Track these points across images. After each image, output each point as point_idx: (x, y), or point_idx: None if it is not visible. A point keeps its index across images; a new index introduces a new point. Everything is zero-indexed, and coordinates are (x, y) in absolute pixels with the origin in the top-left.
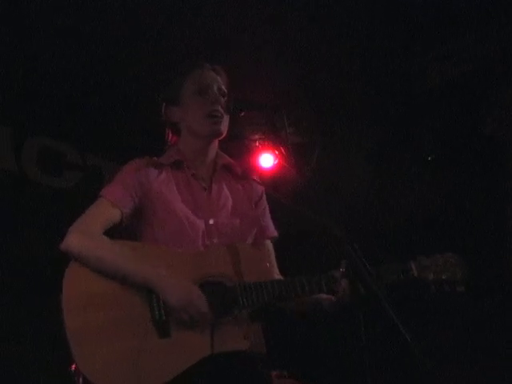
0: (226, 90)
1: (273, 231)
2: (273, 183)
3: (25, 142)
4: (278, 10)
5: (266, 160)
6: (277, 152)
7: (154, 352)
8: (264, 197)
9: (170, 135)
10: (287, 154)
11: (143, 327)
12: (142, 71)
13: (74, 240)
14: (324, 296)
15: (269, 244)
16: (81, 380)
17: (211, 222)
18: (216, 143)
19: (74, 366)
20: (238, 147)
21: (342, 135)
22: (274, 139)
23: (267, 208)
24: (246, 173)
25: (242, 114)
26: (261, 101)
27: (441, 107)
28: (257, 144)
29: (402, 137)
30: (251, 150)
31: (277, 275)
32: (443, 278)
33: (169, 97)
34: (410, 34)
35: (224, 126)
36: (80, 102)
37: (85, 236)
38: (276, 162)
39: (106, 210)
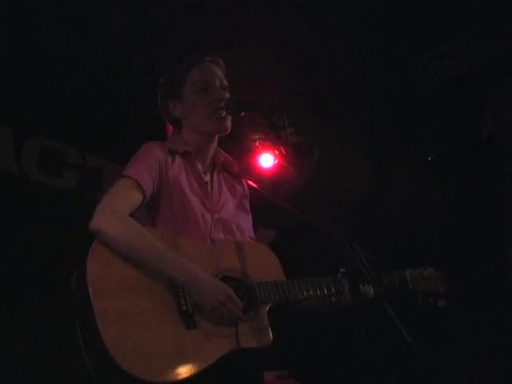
0: (226, 83)
1: (251, 232)
2: (273, 183)
3: (25, 142)
4: (277, 9)
5: (266, 160)
6: (277, 152)
7: (184, 343)
8: (248, 198)
9: (170, 128)
10: (287, 153)
11: (170, 317)
12: (142, 71)
13: (107, 222)
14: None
15: None
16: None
17: (216, 216)
18: (216, 141)
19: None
20: (238, 147)
21: (341, 135)
22: (274, 139)
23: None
24: (239, 172)
25: (242, 113)
26: (261, 101)
27: (441, 107)
28: (257, 144)
29: (401, 136)
30: (251, 150)
31: None
32: (429, 290)
33: (170, 92)
34: (410, 33)
35: (229, 123)
36: (80, 102)
37: (117, 219)
38: (276, 161)
39: (132, 192)
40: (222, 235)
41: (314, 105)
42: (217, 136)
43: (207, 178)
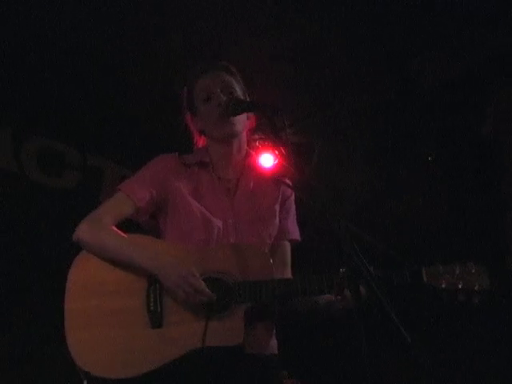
0: (233, 86)
1: (293, 234)
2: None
3: (25, 142)
4: (277, 8)
5: (266, 160)
6: (277, 152)
7: (144, 340)
8: (291, 199)
9: (200, 141)
10: (287, 153)
11: (138, 317)
12: (142, 71)
13: (83, 229)
14: (324, 296)
15: (286, 245)
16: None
17: (230, 221)
18: (242, 144)
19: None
20: None
21: (341, 135)
22: (274, 139)
23: (293, 211)
24: (276, 174)
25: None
26: (260, 101)
27: (441, 107)
28: (257, 144)
29: (401, 137)
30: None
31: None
32: (459, 287)
33: (188, 108)
34: (410, 32)
35: (238, 126)
36: (80, 102)
37: (93, 225)
38: (276, 161)
39: (120, 204)
40: (232, 239)
41: (315, 105)
42: (236, 140)
43: (230, 184)
